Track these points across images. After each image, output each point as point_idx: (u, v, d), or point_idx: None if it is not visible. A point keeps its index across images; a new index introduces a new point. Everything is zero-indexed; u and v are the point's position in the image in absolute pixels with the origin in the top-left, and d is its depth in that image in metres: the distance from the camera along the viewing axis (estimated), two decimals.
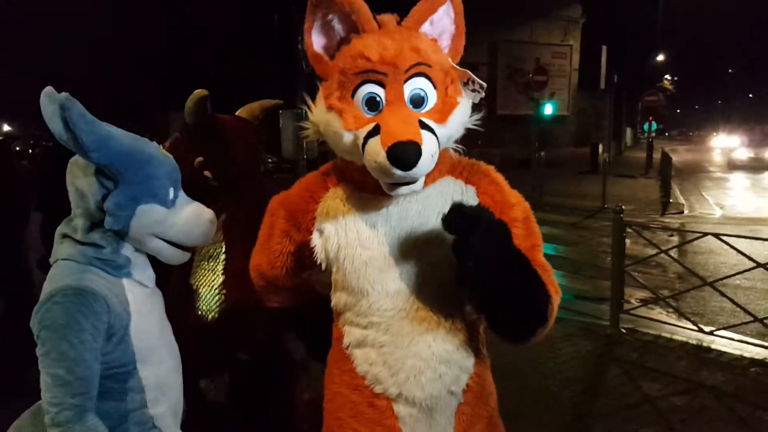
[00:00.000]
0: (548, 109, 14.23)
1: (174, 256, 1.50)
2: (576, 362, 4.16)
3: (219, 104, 2.27)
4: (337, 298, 1.39)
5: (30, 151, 13.54)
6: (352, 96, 1.23)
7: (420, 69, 1.23)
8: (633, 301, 5.32)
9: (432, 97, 1.26)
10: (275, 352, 2.25)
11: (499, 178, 1.42)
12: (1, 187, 4.18)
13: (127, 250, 1.42)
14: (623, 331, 4.66)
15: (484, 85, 1.42)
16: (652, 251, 5.42)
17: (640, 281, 5.14)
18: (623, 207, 5.01)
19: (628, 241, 6.29)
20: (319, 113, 1.30)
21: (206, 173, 2.09)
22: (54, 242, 1.42)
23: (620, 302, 4.77)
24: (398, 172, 1.14)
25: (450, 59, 1.35)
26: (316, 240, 1.38)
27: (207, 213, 1.53)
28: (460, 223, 1.13)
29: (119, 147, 1.33)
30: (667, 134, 66.00)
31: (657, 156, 19.48)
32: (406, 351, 1.30)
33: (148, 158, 1.40)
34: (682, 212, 11.26)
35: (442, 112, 1.27)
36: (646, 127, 21.33)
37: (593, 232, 9.30)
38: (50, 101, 1.35)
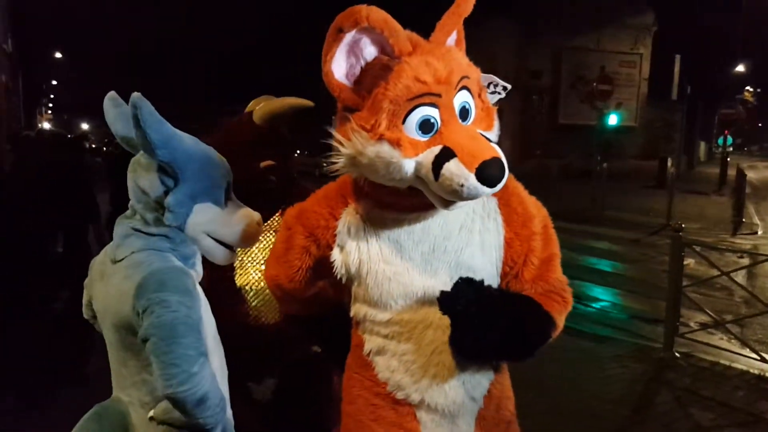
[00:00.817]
0: (612, 120, 13.76)
1: (223, 256, 1.55)
2: (623, 384, 3.97)
3: None
4: (357, 309, 1.41)
5: (104, 149, 14.31)
6: (402, 122, 1.19)
7: (464, 83, 1.23)
8: (692, 324, 5.03)
9: (473, 108, 1.26)
10: (318, 353, 2.25)
11: (519, 188, 1.42)
12: (71, 182, 4.43)
13: (189, 243, 1.49)
14: (677, 355, 4.41)
15: (508, 86, 1.38)
16: (715, 272, 5.10)
17: (698, 304, 4.85)
18: (690, 225, 4.76)
19: (692, 261, 6.00)
20: (359, 145, 1.21)
21: (272, 177, 2.09)
22: (117, 238, 1.48)
23: (675, 325, 4.52)
24: (487, 190, 1.15)
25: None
26: (336, 255, 1.39)
27: (256, 216, 1.58)
28: (456, 309, 1.20)
29: (182, 146, 1.42)
30: (746, 149, 62.27)
31: (732, 172, 18.44)
32: (429, 359, 1.32)
33: (208, 159, 1.49)
34: (756, 233, 10.57)
35: (487, 119, 1.28)
36: (720, 141, 20.20)
37: (656, 250, 8.85)
38: (113, 105, 1.53)
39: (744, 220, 11.35)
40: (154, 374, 1.29)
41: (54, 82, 41.38)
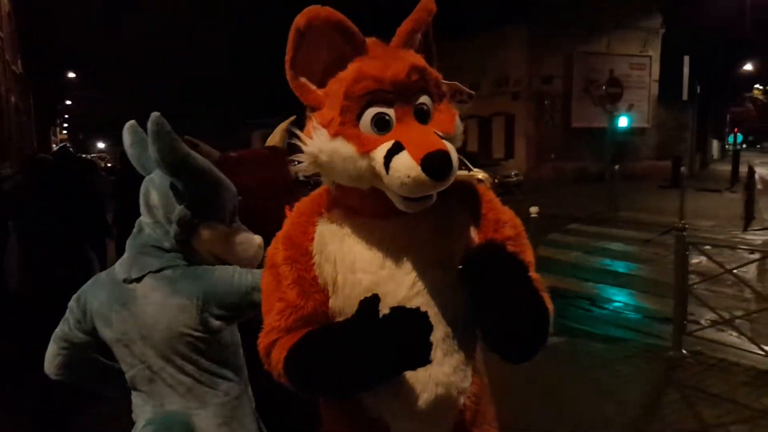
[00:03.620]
0: (623, 122, 13.82)
1: (250, 262, 1.65)
2: (633, 384, 4.08)
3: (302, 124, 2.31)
4: None
5: (119, 167, 14.59)
6: (358, 119, 1.19)
7: (422, 84, 1.24)
8: (702, 321, 5.13)
9: (432, 111, 1.26)
10: None
11: (490, 194, 1.40)
12: (83, 199, 4.62)
13: (198, 260, 1.58)
14: (686, 353, 4.51)
15: (472, 93, 1.47)
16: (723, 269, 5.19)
17: (704, 301, 4.94)
18: (702, 223, 4.87)
19: (702, 258, 6.07)
20: (318, 143, 1.21)
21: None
22: (129, 257, 1.55)
23: (683, 323, 4.62)
24: (434, 182, 1.13)
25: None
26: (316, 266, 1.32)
27: (257, 239, 1.66)
28: (479, 273, 1.15)
29: (195, 166, 1.50)
30: (758, 146, 61.25)
31: (744, 169, 18.32)
32: (403, 376, 1.24)
33: (219, 181, 1.58)
34: (767, 228, 10.57)
35: (445, 122, 1.26)
36: (731, 139, 20.06)
37: (668, 249, 8.83)
38: (130, 131, 1.65)
39: (755, 216, 11.34)
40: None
41: (68, 102, 42.11)
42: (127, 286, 1.51)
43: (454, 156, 1.16)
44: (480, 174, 17.57)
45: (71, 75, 36.00)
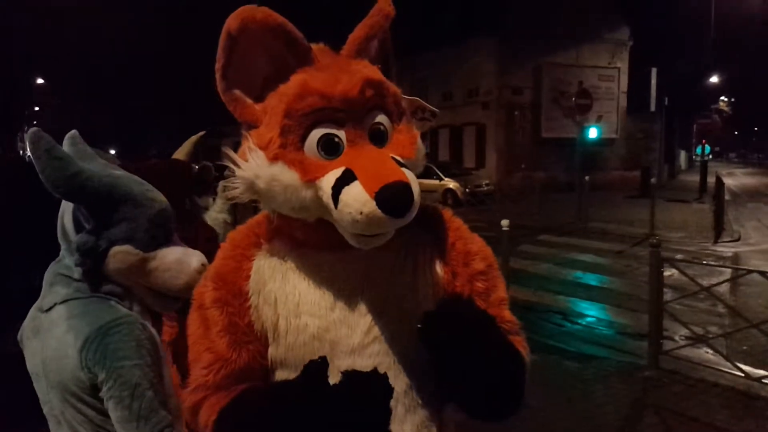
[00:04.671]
0: (593, 133, 13.92)
1: (161, 305, 1.43)
2: (609, 407, 3.90)
3: None
4: (278, 377, 1.13)
5: None
6: (302, 141, 1.02)
7: (377, 101, 1.06)
8: (677, 338, 4.99)
9: (390, 131, 1.09)
10: None
11: (458, 222, 1.22)
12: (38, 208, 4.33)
13: (120, 290, 1.37)
14: (663, 373, 4.35)
15: (436, 111, 1.28)
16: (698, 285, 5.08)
17: (677, 317, 4.80)
18: (672, 234, 4.75)
19: (674, 272, 5.97)
20: (255, 167, 1.03)
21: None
22: (45, 285, 1.38)
23: (659, 342, 4.47)
24: (391, 219, 0.95)
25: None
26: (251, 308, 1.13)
27: (194, 261, 1.42)
28: (441, 336, 0.98)
29: (91, 185, 1.29)
30: (724, 157, 63.44)
31: (712, 180, 18.69)
32: None
33: (126, 199, 1.35)
34: (738, 239, 10.62)
35: (405, 146, 1.09)
36: (699, 150, 20.48)
37: (640, 261, 8.84)
38: (70, 143, 1.46)
39: (725, 227, 11.43)
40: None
41: (36, 108, 41.15)
42: (40, 315, 1.36)
43: (416, 188, 0.99)
44: (451, 183, 17.63)
45: (39, 81, 35.12)
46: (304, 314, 1.08)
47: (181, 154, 2.43)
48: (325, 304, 1.09)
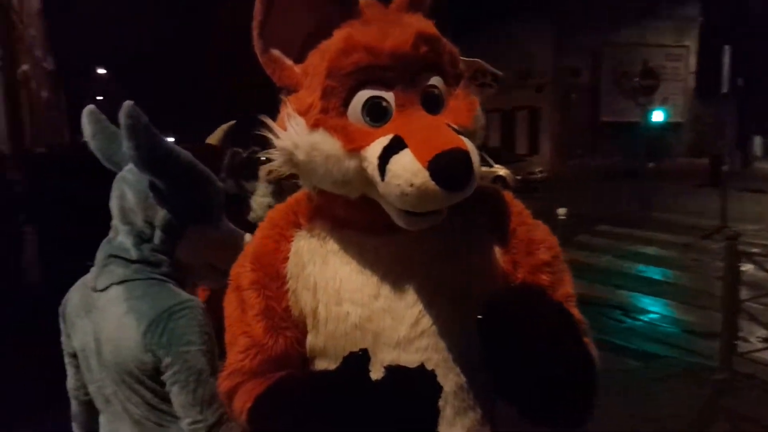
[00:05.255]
0: (657, 116, 13.15)
1: (217, 280, 1.39)
2: (674, 410, 3.61)
3: None
4: (315, 366, 1.06)
5: None
6: (345, 106, 0.91)
7: (432, 60, 0.94)
8: (752, 340, 4.58)
9: (445, 96, 0.97)
10: None
11: (520, 206, 1.09)
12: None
13: (175, 269, 1.39)
14: (737, 376, 3.97)
15: (499, 74, 1.11)
16: None
17: (754, 316, 4.40)
18: (747, 227, 4.36)
19: (749, 267, 5.50)
20: (294, 136, 0.93)
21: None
22: (97, 264, 1.38)
23: (733, 342, 4.09)
24: (447, 193, 0.84)
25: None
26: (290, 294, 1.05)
27: (248, 237, 1.40)
28: (505, 330, 0.86)
29: (177, 163, 1.34)
30: None
31: None
32: None
33: (206, 179, 1.40)
34: None
35: (462, 113, 0.96)
36: None
37: (710, 255, 8.23)
38: (91, 120, 1.46)
39: None
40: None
41: (99, 98, 43.20)
42: (92, 294, 1.37)
43: (476, 158, 0.87)
44: (501, 170, 17.10)
45: (101, 71, 36.69)
46: (346, 302, 1.00)
47: (212, 139, 2.63)
48: (369, 292, 0.99)
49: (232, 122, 2.79)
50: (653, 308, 5.99)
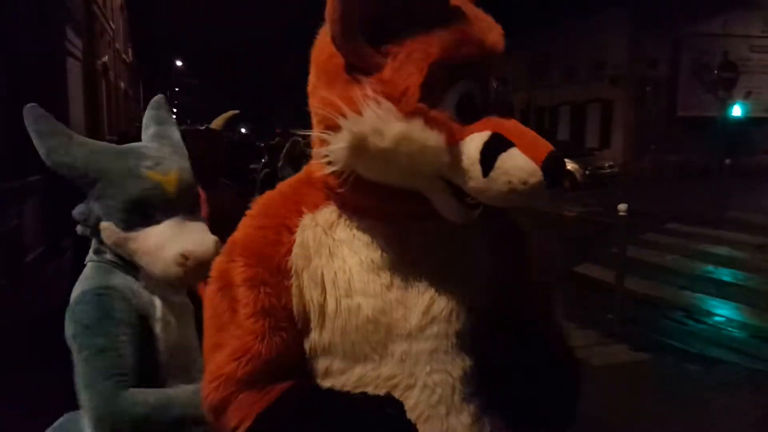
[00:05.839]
0: (736, 111, 12.37)
1: (157, 284, 1.40)
2: (733, 419, 3.47)
3: None
4: (317, 364, 0.99)
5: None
6: (443, 96, 0.88)
7: (503, 62, 0.97)
8: None
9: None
10: None
11: (527, 219, 1.14)
12: None
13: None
14: None
15: (508, 80, 1.11)
16: None
17: None
18: None
19: None
20: (376, 120, 0.84)
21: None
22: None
23: None
24: (548, 191, 0.87)
25: None
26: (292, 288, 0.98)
27: (172, 250, 1.31)
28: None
29: (67, 161, 1.32)
30: None
31: None
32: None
33: (100, 176, 1.34)
34: None
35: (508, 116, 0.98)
36: None
37: None
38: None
39: None
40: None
41: (176, 89, 45.01)
42: None
43: None
44: (569, 165, 16.58)
45: (178, 63, 38.21)
46: (357, 294, 0.95)
47: (215, 124, 2.98)
48: (381, 282, 0.96)
49: (236, 111, 3.29)
50: (719, 311, 5.73)
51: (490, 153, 0.86)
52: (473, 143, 0.88)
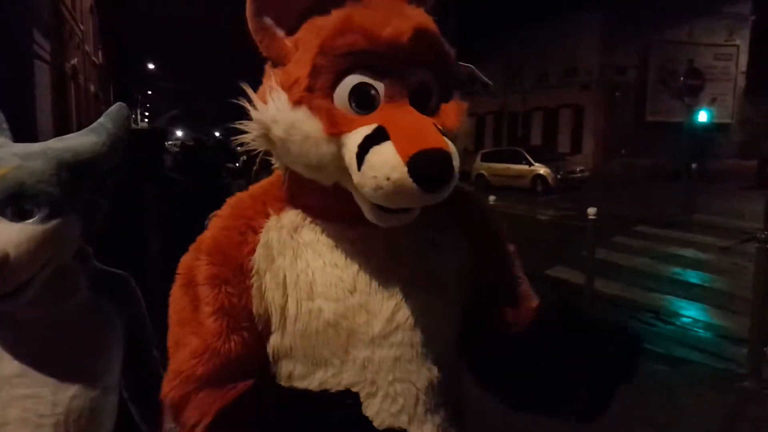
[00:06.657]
0: (702, 117, 12.72)
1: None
2: (698, 420, 3.54)
3: None
4: (280, 369, 0.98)
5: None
6: (332, 87, 0.87)
7: (428, 57, 0.91)
8: None
9: (434, 94, 0.94)
10: None
11: (477, 194, 1.14)
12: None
13: None
14: (765, 384, 3.89)
15: (489, 83, 1.15)
16: None
17: None
18: None
19: None
20: (273, 111, 0.88)
21: None
22: None
23: (762, 349, 4.01)
24: (423, 193, 0.80)
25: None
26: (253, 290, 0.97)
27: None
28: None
29: None
30: None
31: None
32: None
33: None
34: None
35: (450, 115, 0.93)
36: None
37: (748, 259, 7.96)
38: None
39: None
40: None
41: (149, 93, 44.33)
42: None
43: (457, 162, 0.84)
44: (541, 169, 16.93)
45: (151, 66, 37.67)
46: (319, 297, 0.93)
47: (159, 123, 3.25)
48: (344, 286, 0.94)
49: (177, 111, 3.37)
50: (686, 312, 5.87)
51: (365, 146, 0.83)
52: (355, 136, 0.85)
